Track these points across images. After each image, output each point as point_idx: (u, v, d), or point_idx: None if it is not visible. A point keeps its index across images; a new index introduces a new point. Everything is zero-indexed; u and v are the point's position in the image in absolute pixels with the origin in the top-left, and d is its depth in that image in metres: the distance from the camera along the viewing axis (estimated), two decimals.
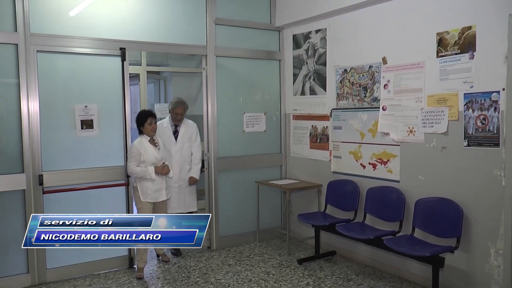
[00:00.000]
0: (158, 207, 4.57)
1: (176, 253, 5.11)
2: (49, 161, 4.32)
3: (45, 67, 4.29)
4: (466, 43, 3.70)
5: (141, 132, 4.50)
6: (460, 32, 3.74)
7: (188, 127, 5.15)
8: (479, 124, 3.63)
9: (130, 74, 4.81)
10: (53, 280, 4.36)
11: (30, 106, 4.18)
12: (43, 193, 4.26)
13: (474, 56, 3.65)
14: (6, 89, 4.15)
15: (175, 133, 5.09)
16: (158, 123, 4.77)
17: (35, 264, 4.27)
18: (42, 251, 4.29)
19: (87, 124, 4.48)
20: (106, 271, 4.59)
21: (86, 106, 4.46)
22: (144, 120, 4.44)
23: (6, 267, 4.19)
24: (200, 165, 5.16)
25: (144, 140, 4.47)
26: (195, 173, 5.11)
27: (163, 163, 4.56)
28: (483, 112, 3.60)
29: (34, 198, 4.22)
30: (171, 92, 7.67)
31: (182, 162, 5.04)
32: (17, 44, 4.12)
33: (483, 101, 3.60)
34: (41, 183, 4.23)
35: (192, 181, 5.08)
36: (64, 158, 4.42)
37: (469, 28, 3.67)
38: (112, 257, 4.63)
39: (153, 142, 4.53)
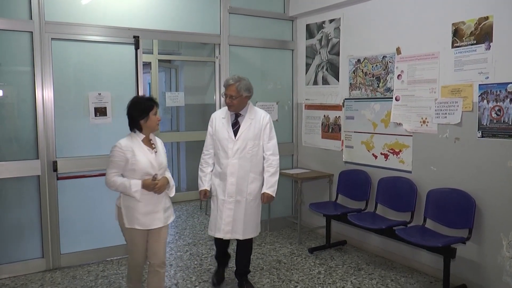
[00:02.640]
0: (151, 237, 3.20)
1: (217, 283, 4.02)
2: (63, 148, 4.36)
3: (59, 55, 4.31)
4: (483, 34, 3.66)
5: (136, 127, 3.16)
6: (476, 23, 3.70)
7: (255, 119, 3.69)
8: (493, 115, 3.60)
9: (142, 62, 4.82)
10: (67, 265, 4.43)
11: (45, 94, 4.22)
12: (57, 179, 4.32)
13: (490, 46, 3.61)
14: (21, 77, 4.18)
15: (235, 126, 3.71)
16: (214, 113, 3.86)
17: (49, 249, 4.34)
18: (56, 236, 4.35)
19: (100, 111, 4.50)
20: (119, 257, 4.65)
21: (99, 94, 4.48)
22: (150, 109, 3.11)
23: (21, 251, 4.27)
24: (277, 177, 3.77)
25: (136, 139, 3.13)
26: (271, 188, 3.72)
27: (154, 176, 3.10)
28: (498, 103, 3.57)
29: (49, 184, 4.28)
30: (182, 81, 7.69)
31: (243, 168, 3.66)
32: (32, 32, 4.14)
33: (498, 92, 3.56)
34: (55, 169, 4.28)
35: (266, 199, 3.75)
36: (78, 145, 4.45)
37: (486, 18, 3.63)
38: (125, 244, 4.66)
39: (148, 142, 3.21)
